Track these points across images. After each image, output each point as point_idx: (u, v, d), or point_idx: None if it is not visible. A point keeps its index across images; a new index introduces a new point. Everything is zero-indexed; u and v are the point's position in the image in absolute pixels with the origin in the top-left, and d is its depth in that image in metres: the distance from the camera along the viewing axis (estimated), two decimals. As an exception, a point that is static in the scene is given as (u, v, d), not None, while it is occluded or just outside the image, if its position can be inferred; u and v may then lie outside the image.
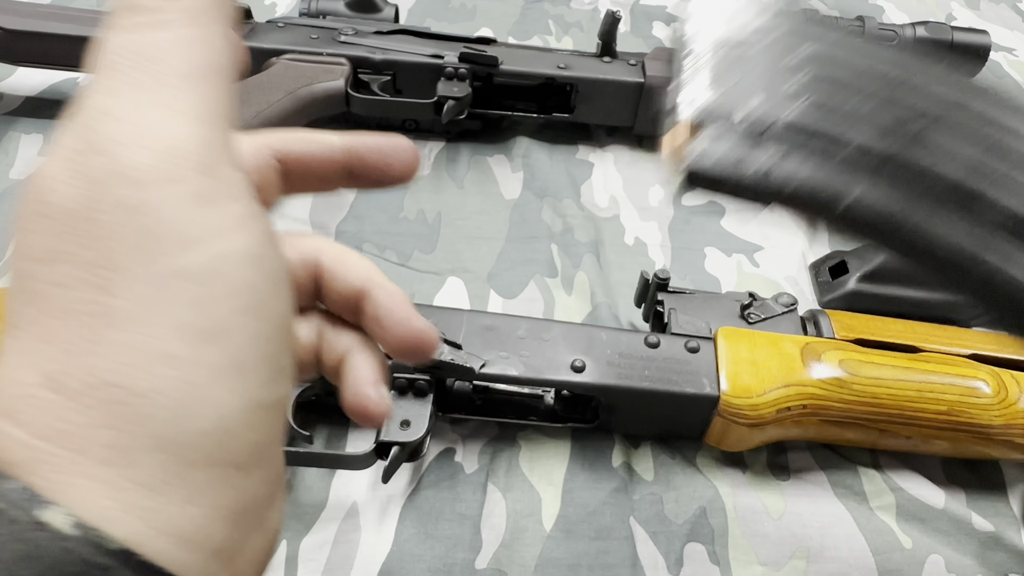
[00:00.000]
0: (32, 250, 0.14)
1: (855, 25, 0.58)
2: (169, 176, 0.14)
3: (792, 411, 0.38)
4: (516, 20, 0.81)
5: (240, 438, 0.14)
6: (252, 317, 0.14)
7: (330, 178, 0.22)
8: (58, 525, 0.12)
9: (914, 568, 0.37)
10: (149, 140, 0.14)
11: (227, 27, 0.16)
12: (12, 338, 0.14)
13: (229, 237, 0.14)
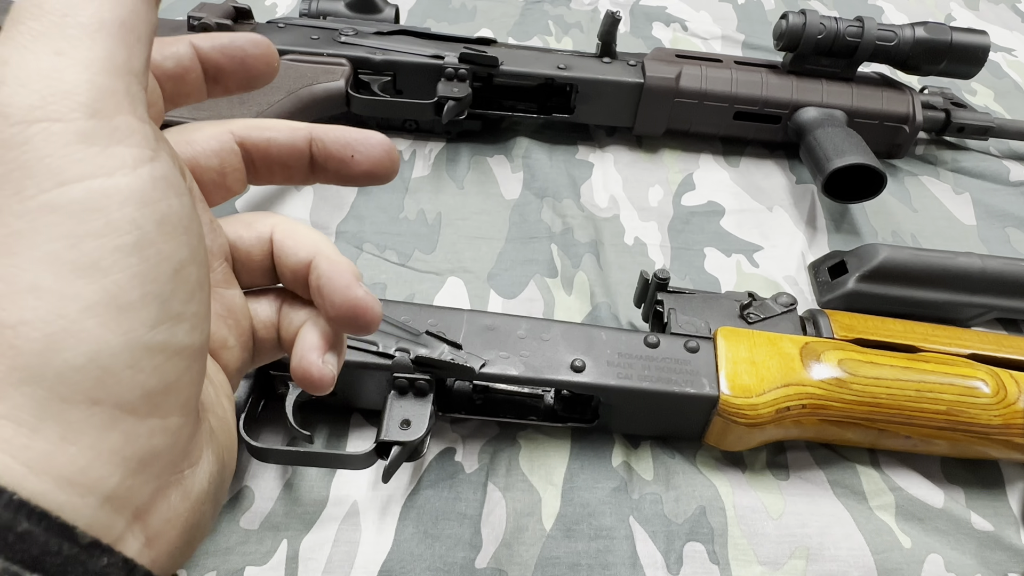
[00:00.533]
0: None
1: (854, 24, 0.59)
2: (50, 115, 0.14)
3: (791, 411, 0.38)
4: (516, 21, 0.81)
5: (123, 379, 0.14)
6: (134, 256, 0.14)
7: (295, 167, 0.22)
8: None
9: (913, 567, 0.37)
10: (35, 82, 0.14)
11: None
12: None
13: (112, 177, 0.14)
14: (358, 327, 0.21)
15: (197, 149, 0.21)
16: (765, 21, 0.85)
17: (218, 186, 0.22)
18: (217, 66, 0.21)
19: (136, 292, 0.14)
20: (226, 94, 0.22)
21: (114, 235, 0.14)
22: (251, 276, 0.23)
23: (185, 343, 0.15)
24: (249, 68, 0.22)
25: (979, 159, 0.66)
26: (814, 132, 0.58)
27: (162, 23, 0.60)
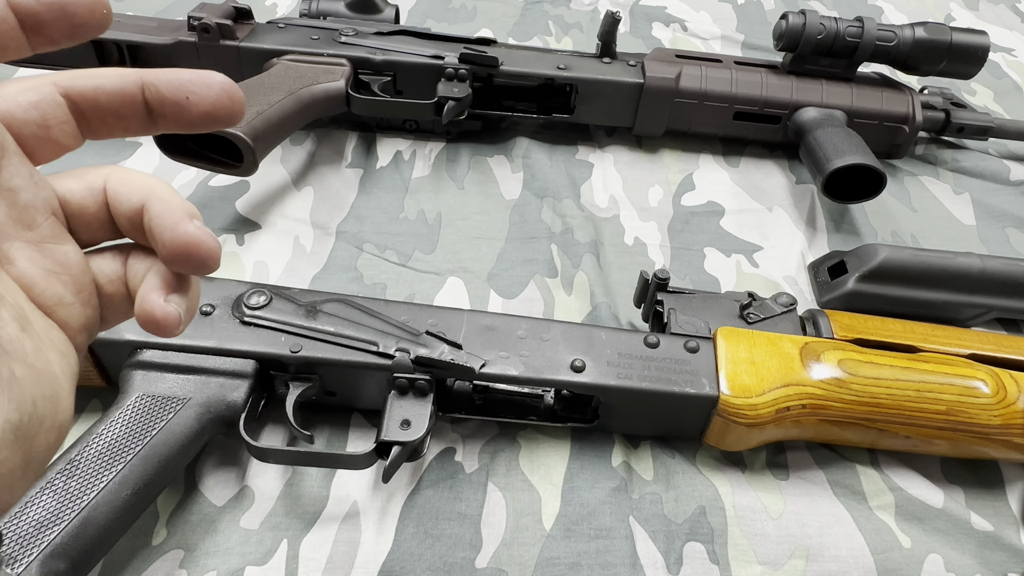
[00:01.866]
0: None
1: (854, 24, 0.59)
2: None
3: (791, 411, 0.38)
4: (516, 21, 0.81)
5: None
6: None
7: (130, 116, 0.22)
8: None
9: (913, 567, 0.37)
10: None
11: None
12: None
13: None
14: (194, 265, 0.21)
15: (11, 102, 0.21)
16: (765, 21, 0.85)
17: (43, 140, 0.21)
18: (35, 16, 0.20)
19: None
20: (53, 46, 0.21)
21: None
22: (90, 231, 0.22)
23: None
24: (71, 16, 0.21)
25: (979, 159, 0.66)
26: (814, 132, 0.58)
27: (162, 23, 0.60)
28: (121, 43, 0.58)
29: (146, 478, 0.33)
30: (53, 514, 0.31)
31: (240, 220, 0.54)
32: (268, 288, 0.40)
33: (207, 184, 0.56)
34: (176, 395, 0.36)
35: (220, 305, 0.39)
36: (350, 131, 0.63)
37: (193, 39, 0.57)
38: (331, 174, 0.59)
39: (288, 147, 0.60)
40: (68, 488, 0.32)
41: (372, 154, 0.61)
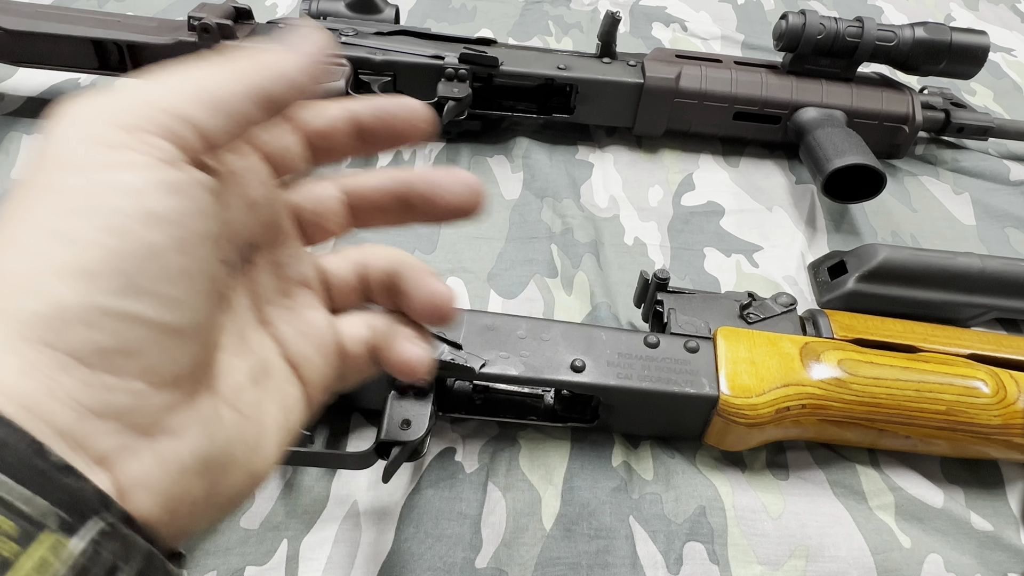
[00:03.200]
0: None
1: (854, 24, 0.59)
2: (91, 119, 0.17)
3: (791, 411, 0.38)
4: (516, 21, 0.81)
5: (76, 332, 0.16)
6: (109, 236, 0.16)
7: (390, 210, 0.25)
8: None
9: (913, 567, 0.37)
10: (104, 98, 0.18)
11: None
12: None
13: (115, 172, 0.17)
14: (440, 316, 0.24)
15: (300, 194, 0.25)
16: (765, 21, 0.85)
17: (317, 228, 0.25)
18: (365, 125, 0.24)
19: (102, 264, 0.16)
20: (374, 151, 0.25)
21: (97, 216, 0.16)
22: (344, 298, 0.25)
23: (150, 316, 0.17)
24: (394, 129, 0.24)
25: (979, 159, 0.66)
26: (814, 132, 0.58)
27: (162, 23, 0.60)
28: (121, 43, 0.58)
29: None
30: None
31: (240, 220, 0.54)
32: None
33: (207, 184, 0.56)
34: (176, 395, 0.36)
35: (220, 305, 0.39)
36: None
37: (193, 39, 0.57)
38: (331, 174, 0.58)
39: (288, 147, 0.60)
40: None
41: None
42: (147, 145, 0.17)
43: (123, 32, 0.58)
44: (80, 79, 0.65)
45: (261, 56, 0.20)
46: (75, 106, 0.18)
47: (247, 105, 0.19)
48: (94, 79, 0.65)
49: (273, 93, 0.20)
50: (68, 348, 0.16)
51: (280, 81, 0.20)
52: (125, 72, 0.59)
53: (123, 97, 0.18)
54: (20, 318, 0.16)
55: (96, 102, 0.18)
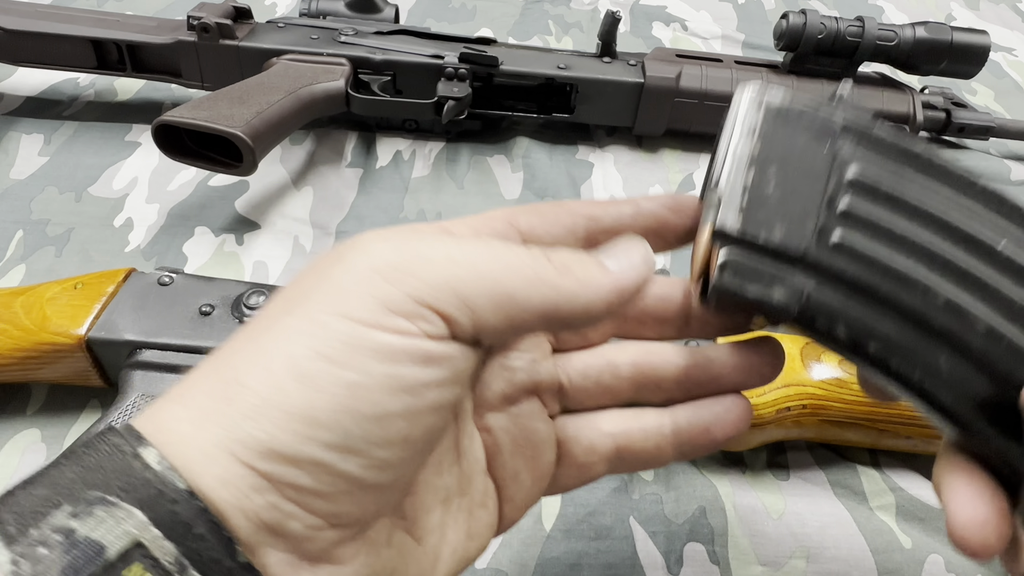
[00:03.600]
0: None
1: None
2: (389, 277, 0.18)
3: (792, 411, 0.38)
4: (516, 20, 0.81)
5: (283, 467, 0.16)
6: (344, 389, 0.17)
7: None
8: (148, 459, 0.16)
9: (914, 568, 0.37)
10: (412, 258, 0.18)
11: None
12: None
13: (377, 332, 0.17)
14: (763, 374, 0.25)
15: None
16: (765, 21, 0.85)
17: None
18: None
19: (327, 414, 0.17)
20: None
21: (344, 369, 0.17)
22: (588, 398, 0.25)
23: (354, 474, 0.17)
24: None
25: (980, 159, 0.66)
26: (814, 132, 0.58)
27: (161, 23, 0.60)
28: (120, 42, 0.58)
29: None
30: (52, 515, 0.31)
31: (239, 220, 0.54)
32: (268, 288, 0.40)
33: (206, 184, 0.56)
34: (175, 395, 0.36)
35: (220, 305, 0.39)
36: (350, 131, 0.63)
37: (193, 39, 0.57)
38: (331, 174, 0.58)
39: (287, 147, 0.60)
40: (67, 488, 0.32)
41: (372, 154, 0.61)
42: (423, 320, 0.17)
43: (122, 32, 0.58)
44: (79, 78, 0.65)
45: (573, 267, 0.19)
46: (384, 250, 0.18)
47: (535, 321, 0.19)
48: (93, 79, 0.65)
49: (565, 319, 0.19)
50: (269, 475, 0.16)
51: (580, 312, 0.19)
52: (124, 72, 0.59)
53: (429, 270, 0.18)
54: (239, 437, 0.16)
55: (406, 260, 0.18)
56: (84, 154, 0.58)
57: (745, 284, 0.21)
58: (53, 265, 0.49)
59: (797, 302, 0.21)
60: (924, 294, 0.21)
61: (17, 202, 0.54)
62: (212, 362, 0.18)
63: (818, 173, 0.22)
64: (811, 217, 0.21)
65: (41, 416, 0.41)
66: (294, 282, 0.19)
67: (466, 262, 0.18)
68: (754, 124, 0.22)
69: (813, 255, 0.21)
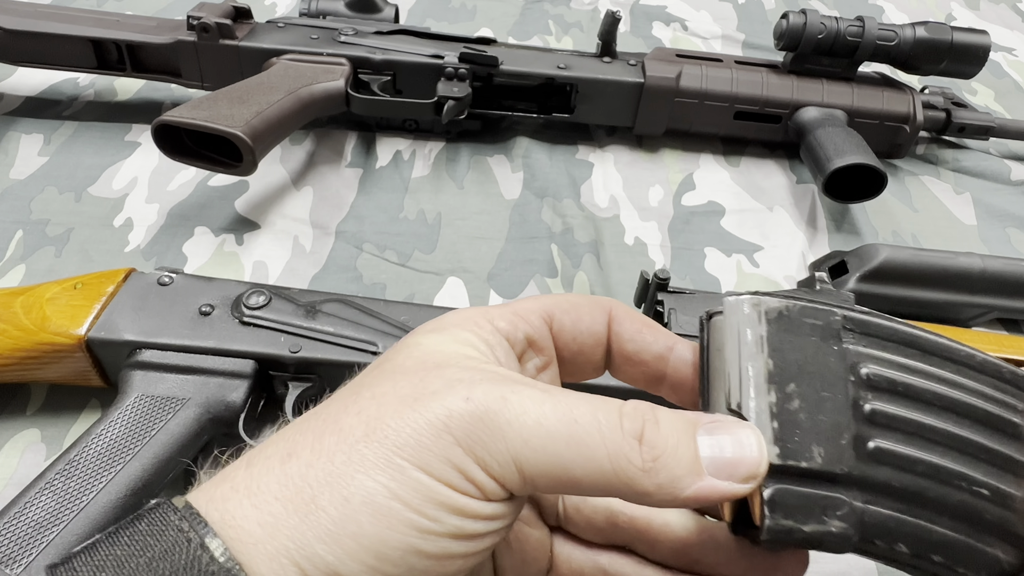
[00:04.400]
0: (380, 366, 0.21)
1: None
2: (463, 444, 0.18)
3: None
4: (516, 20, 0.81)
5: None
6: (416, 532, 0.18)
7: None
8: (215, 551, 0.17)
9: (914, 568, 0.37)
10: (488, 430, 0.18)
11: None
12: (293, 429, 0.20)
13: (448, 489, 0.18)
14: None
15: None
16: (765, 21, 0.85)
17: None
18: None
19: (396, 552, 0.18)
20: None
21: (416, 512, 0.18)
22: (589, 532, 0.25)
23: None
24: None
25: (980, 159, 0.65)
26: (814, 132, 0.58)
27: (161, 23, 0.60)
28: (120, 42, 0.58)
29: (145, 479, 0.33)
30: (52, 514, 0.31)
31: (239, 220, 0.53)
32: (267, 288, 0.40)
33: (206, 184, 0.56)
34: (175, 395, 0.36)
35: (219, 305, 0.39)
36: (350, 131, 0.63)
37: (192, 38, 0.57)
38: (331, 174, 0.58)
39: (287, 147, 0.60)
40: (67, 489, 0.32)
41: (372, 154, 0.61)
42: (486, 485, 0.18)
43: (122, 32, 0.58)
44: (79, 78, 0.65)
45: (667, 461, 0.19)
46: (462, 408, 0.18)
47: (590, 494, 0.19)
48: (93, 79, 0.65)
49: (611, 492, 0.19)
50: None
51: (642, 499, 0.19)
52: (124, 72, 0.59)
53: (501, 447, 0.18)
54: (308, 555, 0.17)
55: (477, 428, 0.18)
56: (84, 154, 0.58)
57: (800, 520, 0.19)
58: (53, 265, 0.49)
59: (856, 528, 0.19)
60: (969, 488, 0.20)
61: (17, 202, 0.54)
62: (284, 466, 0.18)
63: (836, 378, 0.20)
64: (844, 429, 0.20)
65: (41, 416, 0.41)
66: (371, 394, 0.19)
67: (539, 444, 0.18)
68: (760, 337, 0.21)
69: (858, 472, 0.19)
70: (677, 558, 0.23)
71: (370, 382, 0.20)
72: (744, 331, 0.21)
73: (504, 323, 0.22)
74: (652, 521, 0.24)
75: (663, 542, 0.23)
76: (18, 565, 0.29)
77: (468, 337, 0.21)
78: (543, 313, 0.23)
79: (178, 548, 0.17)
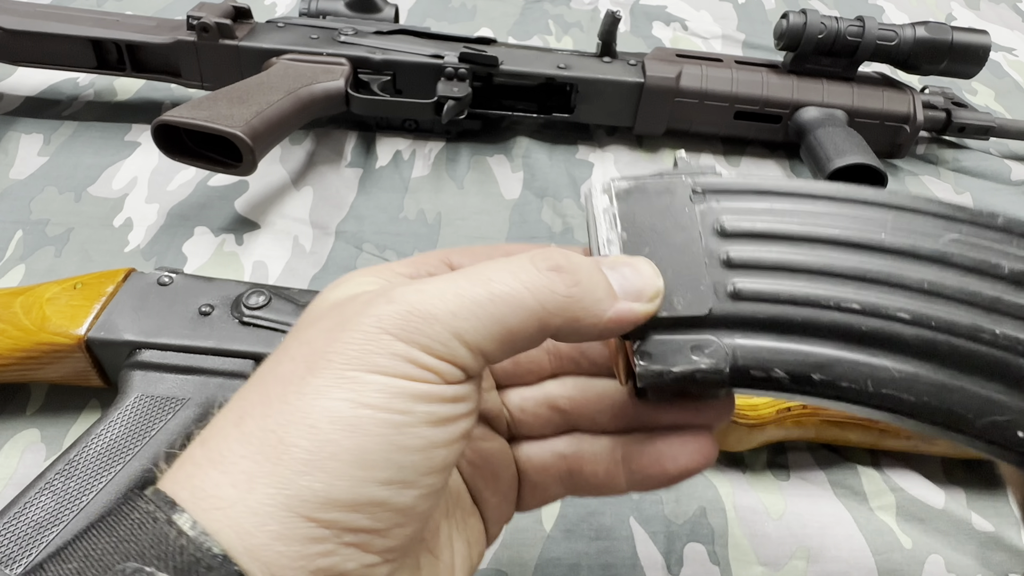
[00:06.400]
0: (298, 325, 0.21)
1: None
2: (402, 338, 0.18)
3: (792, 411, 0.38)
4: (516, 20, 0.81)
5: (344, 515, 0.17)
6: (393, 429, 0.18)
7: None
8: (183, 525, 0.16)
9: (914, 568, 0.37)
10: (417, 317, 0.19)
11: None
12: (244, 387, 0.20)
13: (411, 382, 0.18)
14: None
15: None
16: (765, 21, 0.85)
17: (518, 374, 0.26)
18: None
19: (379, 455, 0.18)
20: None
21: (387, 412, 0.18)
22: (536, 428, 0.26)
23: (408, 505, 0.18)
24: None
25: (980, 159, 0.65)
26: (815, 132, 0.58)
27: (161, 22, 0.60)
28: (120, 42, 0.58)
29: (145, 479, 0.33)
30: (52, 515, 0.31)
31: (239, 220, 0.53)
32: (267, 288, 0.40)
33: (206, 184, 0.56)
34: (175, 395, 0.36)
35: (219, 305, 0.39)
36: (349, 131, 0.63)
37: (192, 38, 0.57)
38: (331, 174, 0.58)
39: (287, 147, 0.60)
40: (67, 489, 0.32)
41: (372, 154, 0.61)
42: (443, 369, 0.19)
43: (122, 31, 0.58)
44: (79, 78, 0.65)
45: (578, 276, 0.20)
46: (387, 311, 0.19)
47: (532, 342, 0.20)
48: (92, 79, 0.65)
49: (560, 333, 0.20)
50: (330, 523, 0.17)
51: (574, 327, 0.20)
52: (124, 71, 0.59)
53: (437, 329, 0.19)
54: (295, 492, 0.17)
55: (412, 320, 0.18)
56: (84, 154, 0.58)
57: (670, 363, 0.21)
58: (53, 265, 0.49)
59: (727, 362, 0.21)
60: (838, 306, 0.21)
61: (17, 202, 0.54)
62: (239, 427, 0.18)
63: (691, 237, 0.23)
64: (702, 278, 0.22)
65: (41, 416, 0.41)
66: (298, 343, 0.19)
67: (467, 313, 0.19)
68: (613, 215, 0.23)
69: (720, 311, 0.21)
70: (617, 422, 0.25)
71: (292, 337, 0.20)
72: (599, 211, 0.23)
73: (404, 268, 0.23)
74: (587, 395, 0.25)
75: (601, 411, 0.25)
76: (18, 565, 0.29)
77: (371, 280, 0.22)
78: (442, 257, 0.24)
79: (144, 527, 0.16)
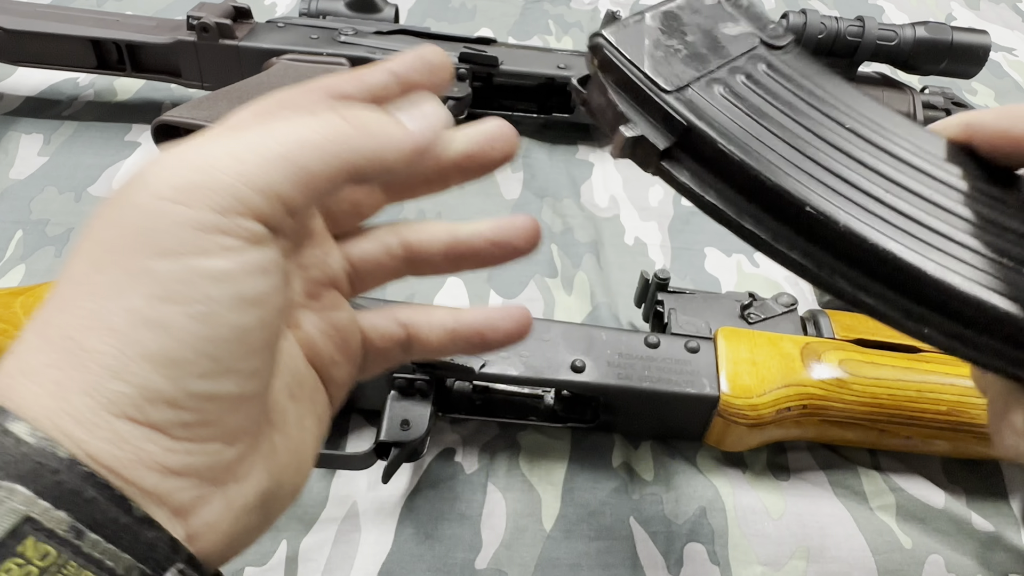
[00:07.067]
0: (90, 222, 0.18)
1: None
2: (185, 201, 0.17)
3: (792, 411, 0.38)
4: (516, 20, 0.81)
5: (161, 410, 0.17)
6: (200, 323, 0.17)
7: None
8: (20, 433, 0.16)
9: (914, 568, 0.37)
10: (190, 173, 0.17)
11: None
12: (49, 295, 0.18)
13: (206, 258, 0.17)
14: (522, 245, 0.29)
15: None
16: (765, 21, 0.85)
17: (349, 215, 0.25)
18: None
19: (189, 350, 0.17)
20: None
21: (189, 304, 0.17)
22: (379, 280, 0.26)
23: (232, 392, 0.18)
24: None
25: (980, 159, 0.65)
26: (815, 132, 0.58)
27: (161, 22, 0.60)
28: (120, 42, 0.58)
29: None
30: None
31: (239, 220, 0.53)
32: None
33: (206, 184, 0.56)
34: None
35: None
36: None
37: (192, 38, 0.57)
38: (331, 174, 0.58)
39: (288, 147, 0.60)
40: None
41: (372, 154, 0.61)
42: (240, 228, 0.17)
43: (122, 31, 0.58)
44: (79, 78, 0.65)
45: (371, 125, 0.20)
46: (160, 175, 0.17)
47: (338, 182, 0.19)
48: (92, 79, 0.65)
49: (366, 174, 0.20)
50: (153, 423, 0.17)
51: (377, 164, 0.20)
52: (124, 71, 0.59)
53: (217, 175, 0.17)
54: (110, 397, 0.16)
55: (189, 176, 0.17)
56: (84, 154, 0.58)
57: (625, 46, 0.26)
58: (53, 265, 0.49)
59: (675, 86, 0.24)
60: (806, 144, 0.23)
61: (17, 202, 0.54)
62: (42, 335, 0.17)
63: (727, 53, 0.25)
64: (695, 72, 0.25)
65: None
66: (84, 241, 0.18)
67: (252, 155, 0.18)
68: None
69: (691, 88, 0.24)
70: (448, 260, 0.27)
71: (83, 234, 0.19)
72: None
73: (250, 117, 0.23)
74: (421, 238, 0.26)
75: (435, 251, 0.26)
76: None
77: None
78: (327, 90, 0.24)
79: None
